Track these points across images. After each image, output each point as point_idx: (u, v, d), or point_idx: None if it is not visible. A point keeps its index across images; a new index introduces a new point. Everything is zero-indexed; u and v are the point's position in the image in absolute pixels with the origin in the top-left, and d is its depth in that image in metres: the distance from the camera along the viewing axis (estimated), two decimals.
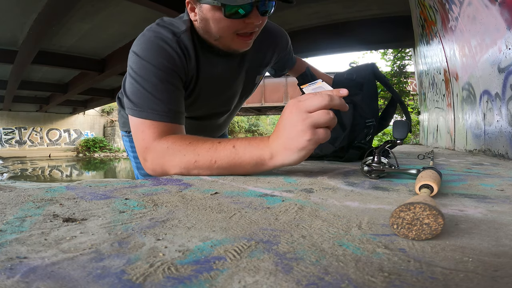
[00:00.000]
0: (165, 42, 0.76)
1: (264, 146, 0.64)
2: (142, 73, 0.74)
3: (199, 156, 0.66)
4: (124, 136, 1.23)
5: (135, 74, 0.74)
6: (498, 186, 0.58)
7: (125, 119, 1.10)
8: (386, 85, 1.23)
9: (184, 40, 0.80)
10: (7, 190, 0.49)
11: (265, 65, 1.04)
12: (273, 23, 1.04)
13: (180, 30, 0.80)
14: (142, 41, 0.77)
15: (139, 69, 0.74)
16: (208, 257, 0.24)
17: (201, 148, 0.67)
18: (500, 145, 1.35)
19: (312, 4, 4.61)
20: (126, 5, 4.72)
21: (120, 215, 0.36)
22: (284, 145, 0.61)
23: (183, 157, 0.67)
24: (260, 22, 0.74)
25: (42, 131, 18.30)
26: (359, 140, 1.13)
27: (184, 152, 0.67)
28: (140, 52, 0.75)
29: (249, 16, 0.71)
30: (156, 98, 0.73)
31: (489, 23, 1.34)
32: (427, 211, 0.29)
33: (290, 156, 0.61)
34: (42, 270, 0.22)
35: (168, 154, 0.69)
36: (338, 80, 1.18)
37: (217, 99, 1.00)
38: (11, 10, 5.12)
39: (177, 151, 0.68)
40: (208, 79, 0.88)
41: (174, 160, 0.68)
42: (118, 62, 7.27)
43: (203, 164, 0.66)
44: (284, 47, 1.08)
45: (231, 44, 0.80)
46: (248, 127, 28.78)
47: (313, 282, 0.20)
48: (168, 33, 0.78)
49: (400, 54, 6.50)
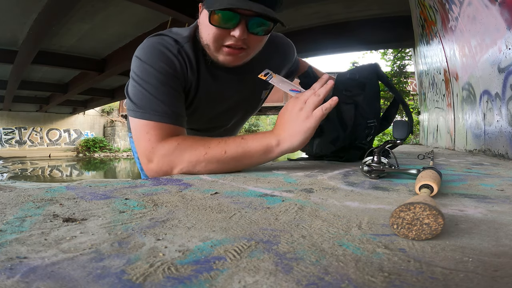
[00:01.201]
0: (166, 48, 0.78)
1: (270, 135, 0.73)
2: (144, 76, 0.75)
3: (209, 148, 0.70)
4: (131, 138, 1.22)
5: (138, 77, 0.76)
6: (498, 186, 0.58)
7: None
8: (388, 86, 1.23)
9: (186, 49, 0.81)
10: (7, 190, 0.49)
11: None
12: (281, 35, 1.03)
13: (183, 39, 0.81)
14: (145, 46, 0.79)
15: (141, 72, 0.75)
16: (208, 257, 0.24)
17: (211, 142, 0.71)
18: (500, 145, 1.35)
19: (312, 4, 4.61)
20: (126, 5, 4.71)
21: (120, 215, 0.36)
22: (290, 132, 0.72)
23: (194, 151, 0.70)
24: (244, 37, 0.72)
25: (42, 131, 18.30)
26: (360, 140, 1.13)
27: (196, 146, 0.70)
28: (142, 56, 0.77)
29: (234, 29, 0.70)
30: (158, 100, 0.74)
31: (489, 23, 1.34)
32: (427, 211, 0.29)
33: (295, 140, 0.72)
34: (42, 270, 0.22)
35: (179, 150, 0.70)
36: (340, 80, 1.18)
37: (214, 112, 0.98)
38: (11, 10, 5.12)
39: (188, 147, 0.71)
40: (207, 91, 0.88)
41: (184, 155, 0.70)
42: (118, 62, 7.26)
43: (214, 155, 0.69)
44: (291, 60, 1.09)
45: (218, 55, 0.78)
46: (248, 127, 28.77)
47: (313, 282, 0.20)
48: (170, 41, 0.80)
49: (400, 54, 6.51)
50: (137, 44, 0.81)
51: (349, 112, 1.12)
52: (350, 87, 1.15)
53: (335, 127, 1.13)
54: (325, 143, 1.14)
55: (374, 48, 6.56)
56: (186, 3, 4.31)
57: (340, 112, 1.13)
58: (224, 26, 0.71)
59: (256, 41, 0.77)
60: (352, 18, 5.11)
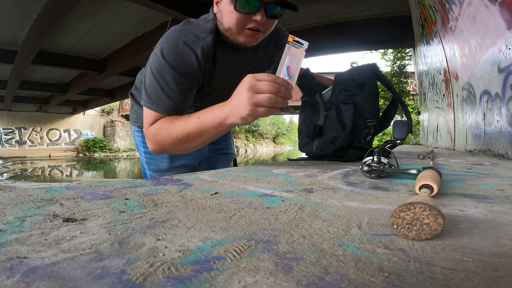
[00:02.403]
0: (187, 45, 0.86)
1: (221, 108, 0.77)
2: (160, 72, 0.85)
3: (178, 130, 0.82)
4: (136, 132, 1.23)
5: (155, 71, 0.85)
6: (498, 186, 0.58)
7: (138, 114, 1.17)
8: (387, 86, 1.23)
9: (207, 41, 0.88)
10: (7, 190, 0.49)
11: (272, 62, 1.11)
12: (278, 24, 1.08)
13: (206, 32, 0.89)
14: (168, 42, 0.86)
15: (160, 68, 0.85)
16: (208, 257, 0.24)
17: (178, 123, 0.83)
18: (500, 145, 1.35)
19: (312, 4, 4.61)
20: (126, 5, 4.71)
21: (120, 215, 0.36)
22: (232, 111, 0.74)
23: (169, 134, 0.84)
24: (264, 21, 0.82)
25: (42, 131, 18.29)
26: (360, 140, 1.13)
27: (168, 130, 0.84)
28: (164, 52, 0.85)
29: (256, 14, 0.81)
30: (167, 96, 0.86)
31: (489, 23, 1.34)
32: (427, 211, 0.29)
33: (236, 119, 0.74)
34: (42, 270, 0.22)
35: (158, 134, 0.86)
36: (339, 80, 1.19)
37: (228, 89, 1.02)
38: (11, 10, 5.11)
39: (163, 130, 0.85)
40: (222, 73, 0.96)
41: (162, 136, 0.85)
42: (118, 62, 7.26)
43: (181, 137, 0.82)
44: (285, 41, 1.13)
45: (239, 37, 0.87)
46: (248, 127, 28.76)
47: (313, 282, 0.20)
48: (192, 37, 0.87)
49: (400, 54, 6.50)
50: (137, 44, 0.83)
51: (348, 112, 1.12)
52: (348, 87, 1.16)
53: (335, 127, 1.13)
54: (325, 143, 1.14)
55: (374, 48, 6.56)
56: (186, 3, 4.31)
57: (340, 112, 1.13)
58: (247, 12, 0.82)
59: (271, 24, 0.88)
60: (352, 18, 5.11)
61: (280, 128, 35.74)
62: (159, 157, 1.17)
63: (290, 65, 0.76)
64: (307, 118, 1.23)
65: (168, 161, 1.15)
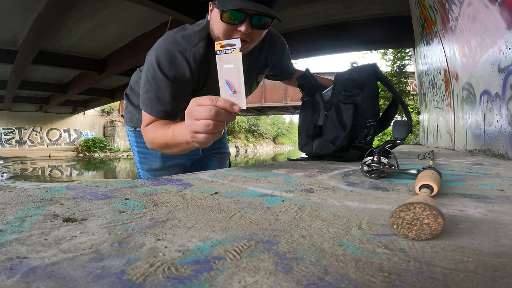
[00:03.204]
0: (180, 52, 0.88)
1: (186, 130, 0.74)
2: (154, 78, 0.89)
3: (159, 138, 0.87)
4: (129, 131, 1.25)
5: (150, 76, 0.89)
6: (498, 186, 0.58)
7: (132, 114, 1.20)
8: (387, 86, 1.24)
9: (199, 48, 0.91)
10: (7, 190, 0.49)
11: (266, 65, 1.11)
12: (272, 29, 1.11)
13: (198, 38, 0.91)
14: (161, 48, 0.89)
15: (153, 74, 0.89)
16: (208, 257, 0.24)
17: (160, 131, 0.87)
18: (500, 145, 1.35)
19: (312, 4, 4.61)
20: (126, 5, 4.71)
21: (120, 215, 0.36)
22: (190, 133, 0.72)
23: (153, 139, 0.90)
24: (249, 31, 0.84)
25: (42, 131, 18.28)
26: (360, 140, 1.13)
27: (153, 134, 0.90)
28: (157, 59, 0.88)
29: (241, 25, 0.83)
30: (159, 101, 0.90)
31: (489, 23, 1.34)
32: (427, 211, 0.29)
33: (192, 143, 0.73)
34: (42, 270, 0.22)
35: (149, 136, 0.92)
36: (339, 80, 1.19)
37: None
38: (11, 10, 5.11)
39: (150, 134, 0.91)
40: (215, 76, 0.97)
41: (149, 139, 0.91)
42: (118, 62, 7.25)
43: (162, 144, 0.86)
44: (280, 47, 1.15)
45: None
46: (248, 127, 28.79)
47: (313, 282, 0.20)
48: (185, 43, 0.89)
49: (400, 54, 6.50)
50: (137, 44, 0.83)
51: (348, 112, 1.12)
52: (349, 87, 1.16)
53: (335, 127, 1.13)
54: (325, 143, 1.14)
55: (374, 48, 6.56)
56: (186, 3, 4.31)
57: (340, 112, 1.14)
58: (233, 23, 0.83)
59: (257, 35, 0.89)
60: (352, 18, 5.10)
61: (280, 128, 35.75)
62: (152, 157, 1.19)
63: (228, 78, 0.68)
64: (307, 118, 1.23)
65: (160, 160, 1.18)
